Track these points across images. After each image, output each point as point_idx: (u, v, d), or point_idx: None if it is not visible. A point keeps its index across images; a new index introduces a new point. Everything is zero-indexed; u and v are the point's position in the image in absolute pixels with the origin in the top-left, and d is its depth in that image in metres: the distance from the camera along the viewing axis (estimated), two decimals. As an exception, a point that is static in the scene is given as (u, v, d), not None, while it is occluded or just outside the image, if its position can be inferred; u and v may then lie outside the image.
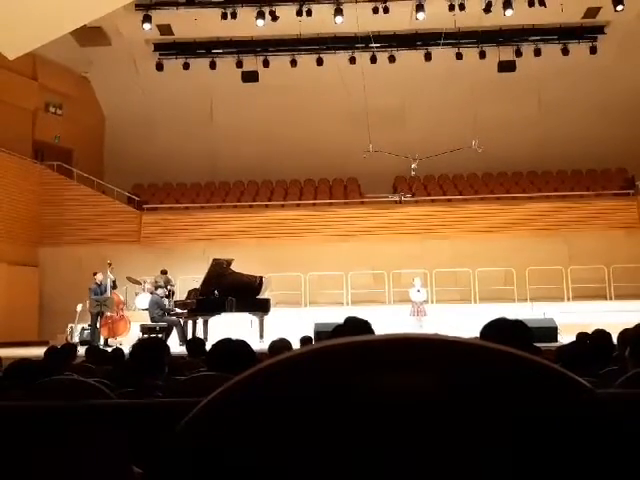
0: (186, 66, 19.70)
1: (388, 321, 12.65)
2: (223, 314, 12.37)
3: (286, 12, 17.80)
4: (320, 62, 19.49)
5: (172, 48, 19.79)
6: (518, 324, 2.53)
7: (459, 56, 19.35)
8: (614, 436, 0.54)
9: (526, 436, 0.53)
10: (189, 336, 12.02)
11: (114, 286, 14.00)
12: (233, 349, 3.48)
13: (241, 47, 19.64)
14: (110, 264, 13.98)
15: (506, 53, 19.57)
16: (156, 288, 13.65)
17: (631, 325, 3.66)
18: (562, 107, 20.21)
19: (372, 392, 0.52)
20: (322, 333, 10.24)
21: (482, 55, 19.37)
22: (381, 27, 18.40)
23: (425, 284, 15.44)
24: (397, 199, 18.61)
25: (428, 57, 19.44)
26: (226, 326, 11.95)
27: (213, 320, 12.48)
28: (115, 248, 17.01)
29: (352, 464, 0.51)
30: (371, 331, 2.96)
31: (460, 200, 18.72)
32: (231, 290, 12.36)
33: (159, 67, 19.77)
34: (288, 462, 0.52)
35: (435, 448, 0.52)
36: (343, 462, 0.51)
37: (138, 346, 3.77)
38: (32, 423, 1.69)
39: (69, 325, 14.59)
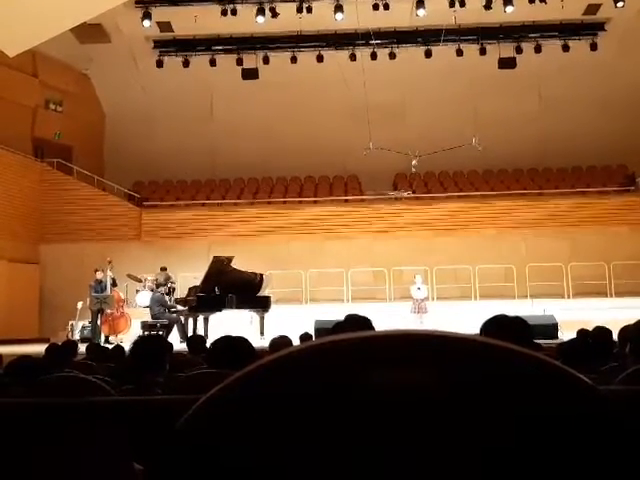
0: (186, 63, 19.69)
1: (388, 318, 12.67)
2: (224, 311, 12.38)
3: (286, 9, 17.77)
4: (320, 59, 19.47)
5: (172, 45, 19.77)
6: (518, 321, 2.53)
7: (459, 53, 19.33)
8: (615, 433, 0.54)
9: (527, 433, 0.53)
10: (190, 333, 12.03)
11: (114, 284, 14.00)
12: (233, 346, 3.48)
13: (241, 44, 19.62)
14: (110, 262, 13.99)
15: (506, 50, 19.54)
16: (157, 286, 13.66)
17: (631, 322, 3.66)
18: (562, 104, 20.19)
19: (372, 389, 0.52)
20: (322, 330, 10.26)
21: (482, 52, 19.35)
22: (381, 24, 18.38)
23: (426, 281, 15.44)
24: (397, 196, 18.61)
25: (428, 54, 19.42)
26: (227, 323, 11.96)
27: (214, 317, 12.49)
28: (115, 245, 17.02)
29: (352, 461, 0.51)
30: (372, 328, 2.96)
31: (460, 197, 18.72)
32: (231, 287, 12.36)
33: (159, 64, 19.75)
34: (288, 459, 0.52)
35: (436, 445, 0.52)
36: (343, 459, 0.51)
37: (138, 343, 3.77)
38: (33, 420, 1.69)
39: (70, 322, 14.60)
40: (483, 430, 0.53)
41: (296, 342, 5.86)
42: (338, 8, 17.69)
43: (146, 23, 17.99)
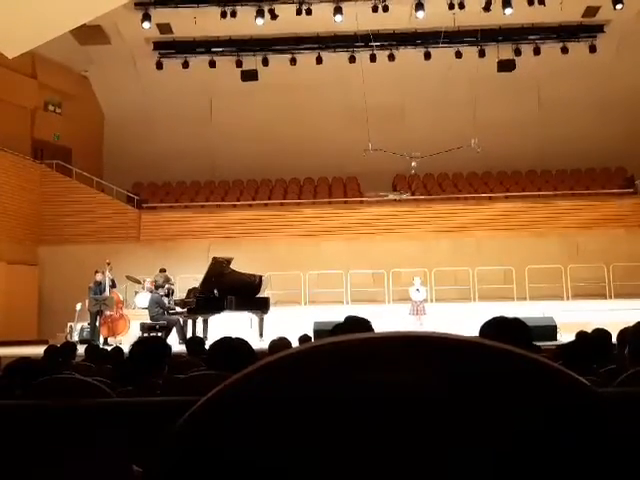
0: (186, 65, 19.70)
1: (388, 320, 12.67)
2: (223, 313, 12.38)
3: (286, 11, 17.79)
4: (320, 61, 19.48)
5: (172, 47, 19.78)
6: (517, 322, 2.53)
7: (458, 55, 19.36)
8: (614, 435, 0.54)
9: (526, 434, 0.53)
10: (189, 335, 12.02)
11: (113, 285, 14.00)
12: (232, 347, 3.48)
13: (241, 46, 19.63)
14: (109, 263, 13.99)
15: (505, 52, 19.56)
16: (156, 287, 13.66)
17: (631, 324, 3.66)
18: (561, 106, 20.21)
19: (372, 390, 0.52)
20: (321, 332, 10.25)
21: (481, 54, 19.36)
22: (381, 26, 18.40)
23: (425, 283, 15.44)
24: (396, 198, 18.61)
25: (428, 56, 19.44)
26: (226, 325, 11.96)
27: (213, 319, 12.48)
28: (114, 247, 17.01)
29: (352, 462, 0.51)
30: (371, 330, 2.96)
31: (459, 199, 18.72)
32: (231, 289, 12.36)
33: (159, 66, 19.77)
34: (288, 460, 0.52)
35: (435, 445, 0.52)
36: (343, 460, 0.51)
37: (138, 345, 3.77)
38: (32, 422, 1.69)
39: (69, 324, 14.59)
40: (482, 431, 0.53)
41: (295, 344, 5.86)
42: (337, 10, 17.71)
43: (146, 25, 18.00)
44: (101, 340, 13.44)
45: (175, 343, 11.79)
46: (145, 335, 11.50)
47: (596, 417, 0.54)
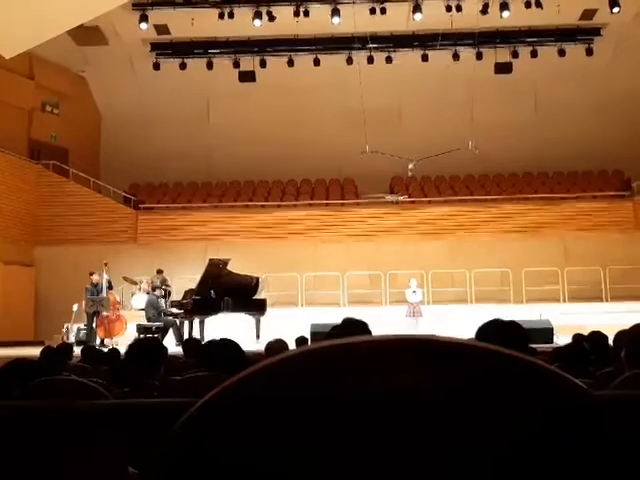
0: (183, 66, 19.69)
1: (384, 322, 12.65)
2: (219, 314, 12.36)
3: (283, 12, 17.80)
4: (317, 62, 19.49)
5: (169, 48, 19.78)
6: (513, 325, 2.53)
7: (456, 57, 19.39)
8: (610, 437, 0.54)
9: (522, 437, 0.53)
10: (185, 336, 12.01)
11: (110, 286, 13.99)
12: (223, 349, 3.48)
13: (238, 47, 19.63)
14: (106, 264, 13.97)
15: (503, 54, 19.60)
16: (153, 289, 13.64)
17: (627, 326, 3.67)
18: (558, 109, 20.25)
19: (369, 392, 0.52)
20: (318, 334, 10.24)
21: (479, 56, 19.39)
22: (378, 28, 18.42)
23: (421, 285, 15.44)
24: (394, 200, 18.62)
25: (425, 58, 19.46)
26: (222, 326, 11.94)
27: (209, 320, 12.47)
28: (111, 248, 16.98)
29: (350, 464, 0.51)
30: (368, 332, 2.96)
31: (456, 201, 18.74)
32: (227, 290, 12.35)
33: (156, 67, 19.76)
34: (286, 463, 0.52)
35: (433, 448, 0.52)
36: (342, 463, 0.51)
37: (134, 346, 3.77)
38: (28, 424, 1.69)
39: (65, 325, 14.56)
40: (479, 433, 0.53)
41: (292, 346, 5.85)
42: (335, 12, 17.72)
43: (143, 26, 18.00)
44: (98, 341, 13.42)
45: (172, 344, 11.78)
46: (142, 336, 11.48)
47: (592, 420, 0.55)
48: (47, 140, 19.45)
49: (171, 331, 12.85)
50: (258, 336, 12.33)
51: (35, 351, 6.88)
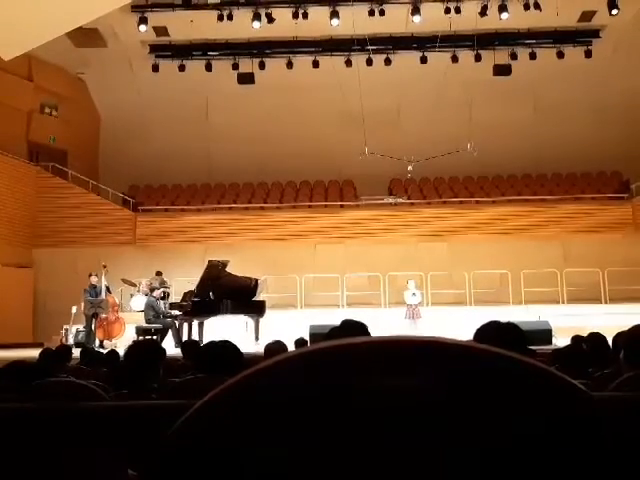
0: (182, 68, 19.69)
1: (383, 323, 12.63)
2: (218, 316, 12.35)
3: (282, 14, 17.80)
4: (316, 64, 19.50)
5: (168, 50, 19.78)
6: (511, 327, 2.53)
7: (455, 59, 19.40)
8: (609, 438, 0.54)
9: (522, 438, 0.53)
10: (184, 338, 12.00)
11: (108, 290, 14.01)
12: (220, 351, 3.48)
13: (237, 49, 19.64)
14: (105, 266, 13.96)
15: (502, 56, 19.61)
16: (152, 290, 13.63)
17: (626, 328, 3.67)
18: (557, 110, 20.27)
19: (369, 393, 0.53)
20: (317, 335, 10.23)
21: (478, 58, 19.40)
22: (377, 29, 18.43)
23: (420, 286, 15.44)
24: (393, 201, 18.63)
25: (424, 60, 19.47)
26: (222, 328, 11.94)
27: (208, 322, 12.45)
28: (110, 250, 16.98)
29: (352, 465, 0.51)
30: (367, 334, 2.96)
31: (455, 203, 18.75)
32: (226, 292, 12.34)
33: (155, 69, 19.75)
34: (285, 463, 0.52)
35: (432, 449, 0.52)
36: (343, 463, 0.52)
37: (133, 348, 3.76)
38: (26, 426, 1.68)
39: (64, 327, 14.55)
40: (478, 434, 0.53)
41: (291, 347, 5.85)
42: (334, 14, 17.73)
43: (142, 28, 18.00)
44: (96, 343, 13.41)
45: (171, 346, 11.77)
46: (140, 338, 11.48)
47: (591, 421, 0.55)
48: (46, 142, 19.44)
49: (170, 333, 12.84)
50: (257, 338, 12.32)
51: (34, 353, 6.87)
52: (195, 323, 12.51)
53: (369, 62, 19.15)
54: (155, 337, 12.05)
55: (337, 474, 0.51)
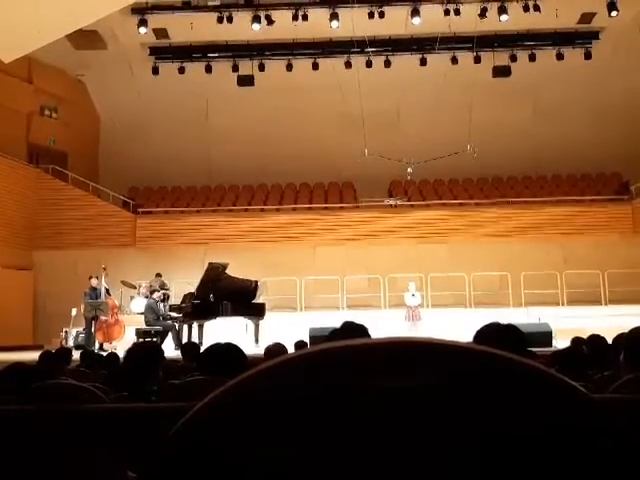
0: (182, 70, 19.71)
1: (383, 325, 12.63)
2: (218, 318, 12.35)
3: (282, 16, 17.82)
4: (316, 66, 19.53)
5: (168, 52, 19.80)
6: (511, 328, 2.53)
7: (454, 61, 19.42)
8: (609, 440, 0.54)
9: (521, 439, 0.53)
10: (184, 340, 12.00)
11: (108, 293, 14.01)
12: (224, 353, 3.48)
13: (237, 51, 19.67)
14: (105, 269, 13.96)
15: (501, 58, 19.64)
16: (152, 292, 13.63)
17: (626, 330, 3.67)
18: (557, 112, 20.28)
19: (369, 395, 0.53)
20: (317, 338, 10.23)
21: (477, 60, 19.42)
22: (377, 32, 18.44)
23: (420, 288, 15.45)
24: (392, 203, 18.63)
25: (423, 62, 19.50)
26: (221, 330, 11.93)
27: (208, 324, 12.45)
28: (110, 252, 16.98)
29: (353, 466, 0.51)
30: (368, 336, 2.96)
31: (455, 205, 18.76)
32: (226, 294, 12.34)
33: (155, 71, 19.77)
34: (286, 465, 0.52)
35: (432, 450, 0.52)
36: (344, 465, 0.52)
37: (133, 350, 3.76)
38: (26, 428, 1.68)
39: (64, 329, 14.54)
40: (478, 436, 0.53)
41: (291, 349, 5.85)
42: (334, 16, 17.75)
43: (142, 30, 18.02)
44: (96, 345, 13.40)
45: (171, 349, 11.76)
46: (140, 340, 11.46)
47: (590, 423, 0.55)
48: (46, 144, 19.45)
49: (170, 335, 12.83)
50: (257, 340, 12.32)
51: (34, 355, 6.86)
52: (195, 325, 12.51)
53: (369, 64, 19.17)
54: (155, 339, 12.04)
55: (338, 475, 0.52)
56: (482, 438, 0.53)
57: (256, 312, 12.75)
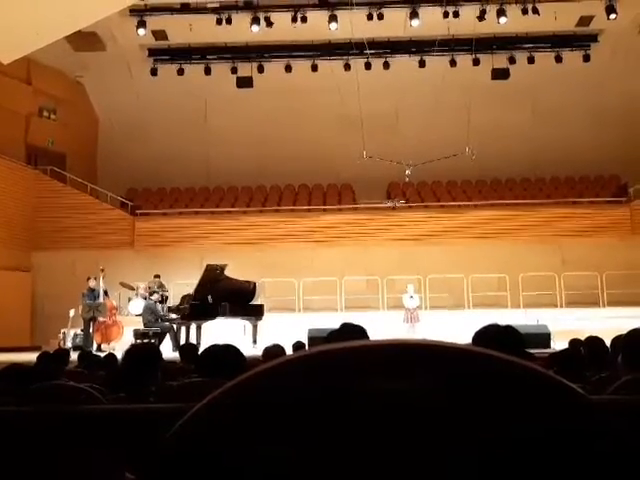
0: (181, 71, 19.71)
1: (381, 327, 12.63)
2: (216, 320, 12.35)
3: (281, 18, 17.83)
4: (315, 68, 19.54)
5: (167, 53, 19.81)
6: (510, 330, 2.53)
7: (453, 63, 19.44)
8: (607, 442, 0.54)
9: (521, 440, 0.53)
10: (182, 341, 11.99)
11: (106, 294, 14.00)
12: (223, 354, 3.48)
13: (236, 53, 19.67)
14: (103, 270, 13.94)
15: (500, 60, 19.66)
16: (150, 294, 13.62)
17: (624, 332, 3.67)
18: (555, 114, 20.31)
19: (368, 396, 0.53)
20: (315, 339, 10.23)
21: (476, 62, 19.44)
22: (375, 34, 18.46)
23: (418, 290, 15.45)
24: (391, 205, 18.64)
25: (422, 64, 19.52)
26: (220, 332, 11.93)
27: (206, 326, 12.45)
28: (108, 253, 16.96)
29: (350, 468, 0.51)
30: (366, 338, 2.96)
31: (453, 207, 18.77)
32: (225, 295, 12.34)
33: (153, 72, 19.77)
34: (285, 465, 0.52)
35: (431, 452, 0.52)
36: (341, 466, 0.52)
37: (131, 352, 3.76)
38: (24, 429, 1.68)
39: (62, 330, 14.52)
40: (477, 437, 0.53)
41: (289, 351, 5.85)
42: (332, 18, 17.76)
43: (141, 31, 18.02)
44: (94, 347, 13.39)
45: (169, 350, 11.76)
46: (138, 342, 11.46)
47: (588, 424, 0.55)
48: (44, 145, 19.44)
49: (168, 336, 12.83)
50: (255, 341, 12.31)
51: (32, 356, 6.85)
52: (193, 327, 12.50)
53: (368, 66, 19.19)
54: (153, 341, 12.03)
55: (336, 477, 0.52)
56: (480, 440, 0.53)
57: (254, 313, 12.74)
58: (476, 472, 0.53)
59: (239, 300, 12.52)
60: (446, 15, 17.67)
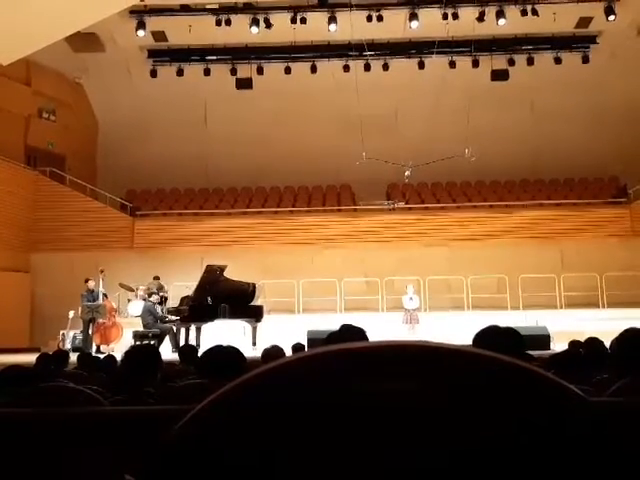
0: (180, 72, 19.72)
1: (381, 328, 12.64)
2: (216, 321, 12.34)
3: (280, 20, 17.85)
4: (314, 70, 19.55)
5: (166, 54, 19.81)
6: (510, 332, 2.53)
7: (452, 65, 19.45)
8: (606, 443, 0.54)
9: (520, 441, 0.53)
10: (182, 343, 11.98)
11: (105, 295, 13.99)
12: (225, 356, 3.48)
13: (235, 54, 19.68)
14: (102, 271, 13.93)
15: (499, 62, 19.68)
16: (150, 295, 13.61)
17: (623, 333, 3.67)
18: (555, 116, 20.32)
19: (369, 397, 0.53)
20: (315, 340, 10.23)
21: (475, 64, 19.46)
22: (375, 35, 18.48)
23: (418, 291, 15.44)
24: (390, 206, 18.64)
25: (421, 65, 19.53)
26: (219, 333, 11.93)
27: (206, 327, 12.45)
28: (108, 254, 16.96)
29: (350, 467, 0.51)
30: (366, 339, 2.96)
31: (453, 208, 18.77)
32: (224, 297, 12.34)
33: (153, 73, 19.78)
34: (285, 466, 0.52)
35: (431, 452, 0.52)
36: (341, 465, 0.52)
37: (130, 353, 3.76)
38: (23, 431, 1.68)
39: (61, 332, 14.52)
40: (477, 438, 0.53)
41: (289, 352, 5.84)
42: (332, 19, 17.78)
43: (140, 33, 18.03)
44: (94, 348, 13.38)
45: (168, 351, 11.75)
46: (138, 343, 11.45)
47: (588, 425, 0.55)
48: (44, 147, 19.44)
49: (167, 338, 12.82)
50: (254, 343, 12.30)
51: (31, 358, 6.85)
52: (193, 328, 12.50)
53: (367, 67, 19.20)
54: (153, 342, 12.03)
55: (336, 477, 0.52)
56: (481, 440, 0.53)
57: (254, 315, 12.73)
58: (476, 472, 0.53)
59: (238, 301, 12.52)
60: (445, 17, 17.69)
